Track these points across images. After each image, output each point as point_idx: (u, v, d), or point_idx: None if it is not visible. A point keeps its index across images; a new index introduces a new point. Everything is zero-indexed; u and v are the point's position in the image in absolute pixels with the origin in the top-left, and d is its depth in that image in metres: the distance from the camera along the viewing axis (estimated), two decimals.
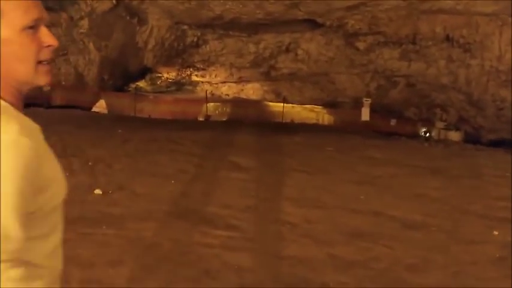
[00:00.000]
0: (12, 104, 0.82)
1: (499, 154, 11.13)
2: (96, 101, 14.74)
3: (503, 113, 16.29)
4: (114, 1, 12.38)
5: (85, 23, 12.36)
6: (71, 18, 12.18)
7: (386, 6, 12.67)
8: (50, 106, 12.85)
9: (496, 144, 15.97)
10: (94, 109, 14.64)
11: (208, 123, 14.44)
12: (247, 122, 14.95)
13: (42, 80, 0.87)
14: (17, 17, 0.80)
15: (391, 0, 12.13)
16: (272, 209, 4.53)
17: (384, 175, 6.59)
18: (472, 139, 16.73)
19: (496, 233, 4.09)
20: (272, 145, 8.71)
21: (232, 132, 10.15)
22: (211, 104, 21.12)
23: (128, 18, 13.45)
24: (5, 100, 0.81)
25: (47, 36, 0.85)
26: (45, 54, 0.86)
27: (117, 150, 6.75)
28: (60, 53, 12.82)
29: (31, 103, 12.53)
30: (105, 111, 14.22)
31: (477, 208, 5.04)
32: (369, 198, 5.23)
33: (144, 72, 15.89)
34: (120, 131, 9.17)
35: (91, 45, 13.00)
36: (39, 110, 11.64)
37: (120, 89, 15.47)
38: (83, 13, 12.15)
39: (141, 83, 17.20)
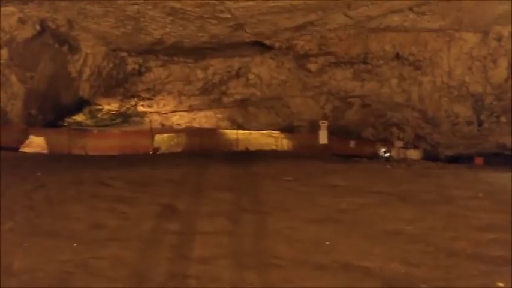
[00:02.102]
0: None
1: (462, 171, 10.59)
2: (24, 139, 12.99)
3: (458, 128, 16.24)
4: (37, 28, 11.00)
5: (4, 52, 10.87)
6: None
7: (334, 25, 12.23)
8: None
9: (454, 160, 15.78)
10: (24, 149, 12.88)
11: (154, 156, 13.08)
12: (201, 152, 13.77)
13: None
14: None
15: (338, 19, 11.66)
16: (209, 275, 3.35)
17: (350, 208, 5.61)
18: (431, 156, 16.49)
19: (501, 284, 3.16)
20: (221, 179, 7.56)
21: (176, 166, 8.92)
22: (165, 135, 19.75)
23: (57, 46, 12.09)
24: None
25: None
26: None
27: (21, 201, 5.35)
28: None
29: None
30: (43, 150, 12.50)
31: (464, 246, 4.15)
32: (336, 243, 4.19)
33: (80, 104, 14.39)
34: (39, 173, 7.68)
35: (13, 77, 11.45)
36: None
37: (53, 124, 13.83)
38: (1, 42, 10.67)
39: (79, 117, 15.62)
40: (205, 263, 3.53)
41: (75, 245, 3.67)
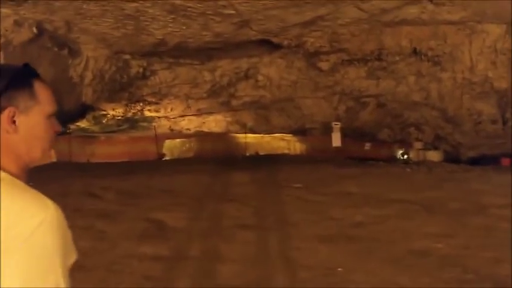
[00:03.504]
0: (18, 177, 0.93)
1: (490, 174, 9.64)
2: None
3: (482, 127, 15.22)
4: (34, 30, 10.52)
5: (0, 56, 10.39)
6: None
7: (346, 19, 11.42)
8: None
9: (477, 161, 14.79)
10: None
11: (159, 163, 12.49)
12: (211, 157, 13.16)
13: (47, 158, 1.04)
14: (46, 106, 0.99)
15: (350, 12, 10.86)
16: None
17: (367, 221, 4.84)
18: (452, 158, 15.52)
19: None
20: (224, 188, 6.87)
21: (178, 173, 8.27)
22: (177, 140, 19.25)
23: (56, 49, 11.60)
24: (14, 175, 0.92)
25: (57, 124, 1.03)
26: (54, 137, 1.02)
27: None
28: None
29: None
30: (52, 159, 12.06)
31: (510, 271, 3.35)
32: (350, 269, 3.43)
33: (83, 110, 13.91)
34: (31, 183, 7.09)
35: None
36: None
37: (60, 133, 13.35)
38: None
39: (83, 123, 15.16)
40: None
41: None
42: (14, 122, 0.94)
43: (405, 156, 15.12)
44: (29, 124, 0.95)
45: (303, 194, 6.63)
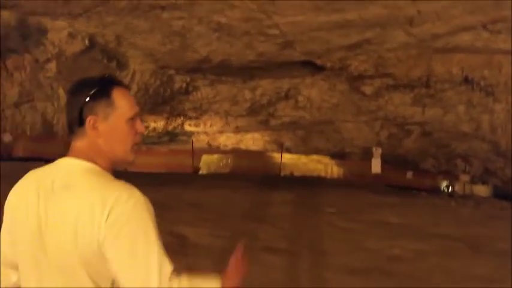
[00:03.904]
0: (107, 170, 1.13)
1: None
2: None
3: None
4: (86, 43, 11.04)
5: (53, 66, 10.99)
6: (36, 60, 10.83)
7: (394, 44, 11.08)
8: (10, 158, 11.16)
9: None
10: None
11: (193, 176, 12.53)
12: (246, 175, 13.08)
13: (132, 157, 1.19)
14: (125, 111, 1.14)
15: (398, 37, 10.52)
16: None
17: (405, 256, 4.47)
18: (501, 194, 14.46)
19: None
20: (254, 207, 6.69)
21: (210, 187, 8.20)
22: (214, 156, 19.41)
23: (105, 61, 12.08)
24: (104, 169, 1.12)
25: (140, 126, 1.18)
26: (138, 139, 1.18)
27: None
28: (25, 99, 11.36)
29: None
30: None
31: None
32: None
33: None
34: None
35: (61, 91, 11.54)
36: None
37: None
38: (49, 55, 10.81)
39: None
40: None
41: None
42: (96, 128, 1.10)
43: (450, 189, 14.30)
44: (109, 128, 1.11)
45: (336, 220, 6.31)
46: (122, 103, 1.14)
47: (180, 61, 12.74)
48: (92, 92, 1.11)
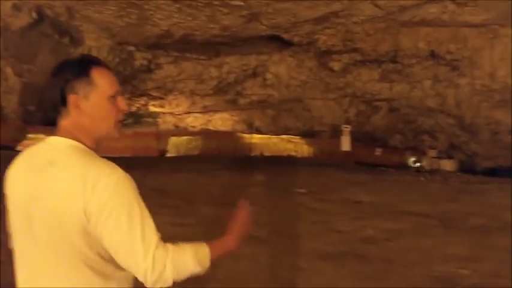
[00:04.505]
0: (91, 149, 1.16)
1: (509, 187, 8.92)
2: (21, 137, 12.11)
3: (500, 138, 14.46)
4: (34, 15, 10.07)
5: None
6: None
7: (362, 16, 10.81)
8: None
9: (492, 172, 14.04)
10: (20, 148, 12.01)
11: (158, 160, 11.95)
12: (213, 156, 12.64)
13: (116, 134, 1.21)
14: (106, 89, 1.16)
15: (366, 9, 10.24)
16: None
17: (378, 236, 4.24)
18: (466, 168, 14.78)
19: None
20: (221, 190, 6.31)
21: (176, 171, 7.73)
22: (183, 138, 18.79)
23: (57, 37, 11.14)
24: (88, 147, 1.16)
25: (122, 103, 1.20)
26: (120, 116, 1.20)
27: None
28: None
29: None
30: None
31: None
32: None
33: None
34: None
35: (8, 70, 10.55)
36: None
37: (54, 122, 12.90)
38: None
39: None
40: None
41: None
42: (78, 106, 1.14)
43: (417, 164, 14.44)
44: (91, 107, 1.15)
45: (307, 200, 6.03)
46: (102, 82, 1.16)
47: (140, 36, 11.96)
48: (72, 72, 1.15)
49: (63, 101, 1.14)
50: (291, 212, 5.25)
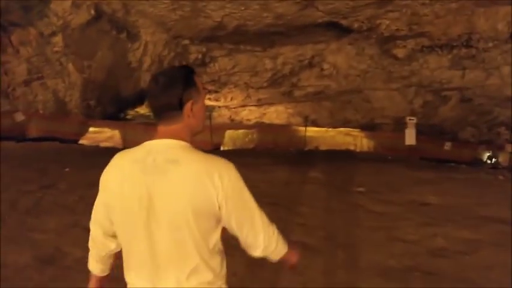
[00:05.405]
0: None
1: None
2: (84, 131, 12.63)
3: None
4: (92, 12, 10.32)
5: (59, 39, 10.36)
6: (41, 34, 10.22)
7: None
8: (23, 139, 10.80)
9: None
10: (83, 141, 12.55)
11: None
12: (266, 150, 12.32)
13: (204, 128, 1.52)
14: (203, 93, 1.47)
15: None
16: None
17: (450, 249, 3.57)
18: None
19: None
20: (269, 187, 5.90)
21: None
22: (240, 131, 18.76)
23: (115, 33, 11.38)
24: (188, 143, 1.40)
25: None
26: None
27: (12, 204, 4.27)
28: (34, 76, 10.87)
29: (3, 137, 10.56)
30: (119, 145, 11.97)
31: None
32: None
33: (141, 96, 13.71)
34: (67, 169, 6.75)
35: (70, 66, 10.96)
36: (8, 145, 9.58)
37: (114, 116, 13.34)
38: (54, 27, 10.17)
39: (142, 109, 15.06)
40: None
41: None
42: (191, 110, 1.41)
43: (493, 160, 13.00)
44: (199, 109, 1.45)
45: (366, 201, 5.43)
46: (201, 88, 1.46)
47: (194, 29, 11.85)
48: (185, 81, 1.39)
49: (180, 107, 1.37)
50: (347, 215, 4.70)
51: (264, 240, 1.37)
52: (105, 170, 1.40)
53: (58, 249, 3.17)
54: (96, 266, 1.48)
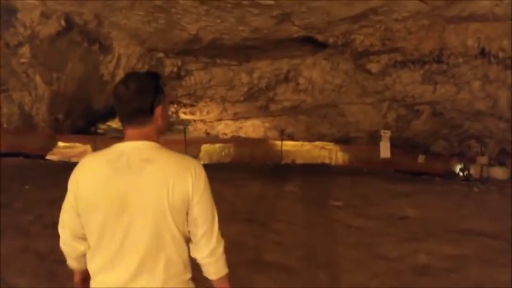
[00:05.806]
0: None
1: None
2: (52, 146, 12.10)
3: None
4: (62, 23, 9.97)
5: (26, 50, 9.94)
6: (7, 44, 9.77)
7: (404, 13, 9.91)
8: None
9: None
10: (50, 157, 12.02)
11: None
12: (244, 164, 12.13)
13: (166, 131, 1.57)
14: (168, 97, 1.63)
15: (409, 5, 9.36)
16: None
17: (435, 265, 3.46)
18: None
19: None
20: (243, 202, 5.69)
21: None
22: (216, 145, 18.47)
23: (86, 44, 11.03)
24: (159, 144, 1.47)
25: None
26: None
27: None
28: None
29: None
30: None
31: None
32: None
33: (114, 109, 13.30)
34: (27, 186, 6.33)
35: (37, 78, 10.51)
36: None
37: (85, 130, 12.86)
38: (21, 38, 9.75)
39: (114, 123, 14.62)
40: None
41: None
42: (160, 113, 1.47)
43: (465, 172, 13.25)
44: (165, 112, 1.50)
45: (343, 216, 5.30)
46: (166, 91, 1.53)
47: (169, 41, 11.64)
48: (155, 87, 1.49)
49: (151, 111, 1.44)
50: (326, 231, 4.54)
51: (215, 246, 1.42)
52: (74, 171, 1.42)
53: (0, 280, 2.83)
54: (73, 262, 1.52)
